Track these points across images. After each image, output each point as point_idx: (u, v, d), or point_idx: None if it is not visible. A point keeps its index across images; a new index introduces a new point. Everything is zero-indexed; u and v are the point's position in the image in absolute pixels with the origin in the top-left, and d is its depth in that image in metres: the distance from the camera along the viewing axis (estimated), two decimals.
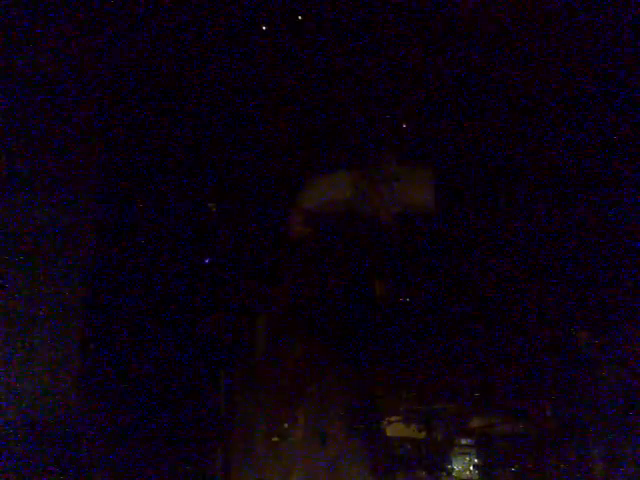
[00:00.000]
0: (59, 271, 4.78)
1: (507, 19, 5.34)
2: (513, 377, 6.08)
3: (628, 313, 5.63)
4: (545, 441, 6.03)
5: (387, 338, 6.38)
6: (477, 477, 6.01)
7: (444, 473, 6.01)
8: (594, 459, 5.69)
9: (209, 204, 5.80)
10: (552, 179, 5.87)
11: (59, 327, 4.69)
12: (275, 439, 6.06)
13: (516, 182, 5.96)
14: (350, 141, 6.01)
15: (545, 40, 5.48)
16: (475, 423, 6.23)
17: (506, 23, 5.36)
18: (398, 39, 5.48)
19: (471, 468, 6.02)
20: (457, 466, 6.05)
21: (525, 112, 5.78)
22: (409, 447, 6.37)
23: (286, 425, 6.10)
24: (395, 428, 6.39)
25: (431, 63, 5.61)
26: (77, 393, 4.71)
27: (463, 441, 6.12)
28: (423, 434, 6.31)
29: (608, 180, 5.70)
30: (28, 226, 4.77)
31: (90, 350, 4.86)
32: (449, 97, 5.73)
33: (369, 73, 5.71)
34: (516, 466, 6.00)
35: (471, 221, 6.13)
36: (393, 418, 6.39)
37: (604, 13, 5.11)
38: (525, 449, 6.06)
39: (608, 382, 5.62)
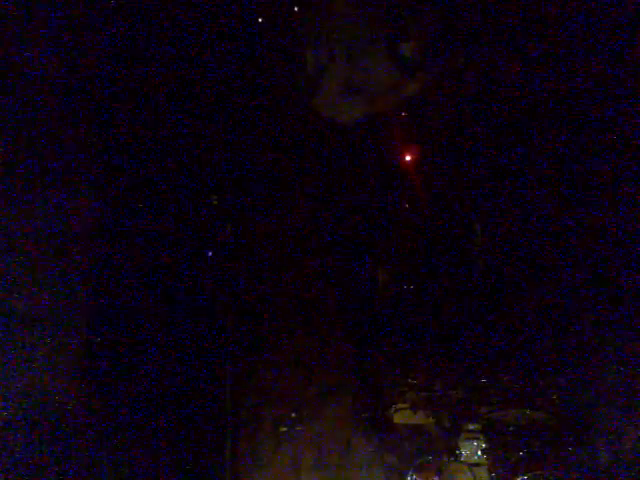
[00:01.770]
0: (59, 271, 4.81)
1: None
2: (520, 364, 6.08)
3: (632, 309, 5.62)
4: (552, 427, 6.03)
5: (393, 326, 6.40)
6: (484, 461, 6.01)
7: (452, 458, 6.01)
8: (598, 446, 5.70)
9: (211, 197, 5.80)
10: (556, 177, 5.86)
11: (59, 327, 4.72)
12: (283, 429, 6.11)
13: (520, 179, 5.96)
14: None
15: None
16: (482, 409, 6.23)
17: None
18: None
19: (479, 453, 6.02)
20: (465, 451, 6.05)
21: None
22: (417, 433, 6.40)
23: (293, 415, 6.15)
24: (403, 415, 6.42)
25: None
26: (78, 393, 4.75)
27: (470, 427, 6.11)
28: (431, 420, 6.33)
29: (612, 177, 5.68)
30: (28, 226, 4.80)
31: (91, 349, 4.89)
32: None
33: None
34: (523, 451, 6.00)
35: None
36: (401, 405, 6.41)
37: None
38: (532, 434, 6.06)
39: (612, 375, 5.63)
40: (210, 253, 5.73)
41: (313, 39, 5.89)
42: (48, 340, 4.69)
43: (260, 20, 5.90)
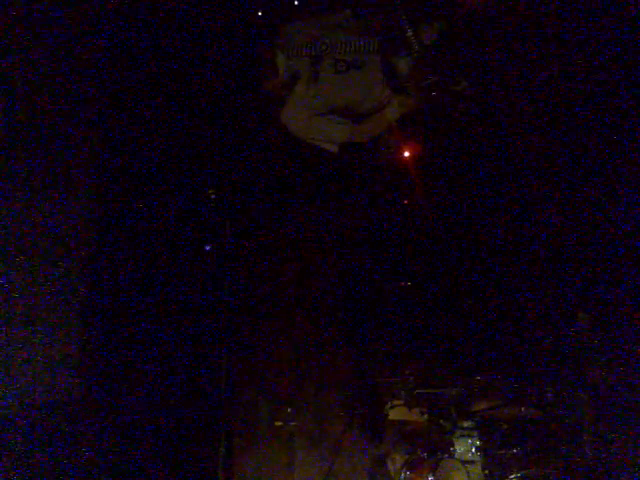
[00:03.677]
0: (59, 271, 4.82)
1: None
2: (515, 361, 6.11)
3: (629, 307, 5.65)
4: (546, 424, 6.06)
5: (389, 322, 6.42)
6: (479, 459, 6.04)
7: (446, 455, 6.04)
8: (592, 445, 5.74)
9: (209, 191, 5.79)
10: (555, 176, 5.88)
11: (59, 327, 4.74)
12: (278, 424, 6.15)
13: (518, 177, 5.97)
14: None
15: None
16: (477, 406, 6.26)
17: None
18: None
19: (473, 450, 6.05)
20: (459, 448, 6.08)
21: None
22: (411, 430, 6.43)
23: (289, 410, 6.18)
24: (397, 412, 6.45)
25: None
26: (77, 392, 4.77)
27: (465, 424, 6.13)
28: (425, 417, 6.36)
29: (611, 176, 5.69)
30: (28, 226, 4.80)
31: (90, 349, 4.90)
32: None
33: None
34: (517, 448, 6.04)
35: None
36: (395, 402, 6.43)
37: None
38: (526, 432, 6.10)
39: (608, 375, 5.66)
40: (208, 247, 5.73)
41: (293, 45, 5.39)
42: (48, 340, 4.71)
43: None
